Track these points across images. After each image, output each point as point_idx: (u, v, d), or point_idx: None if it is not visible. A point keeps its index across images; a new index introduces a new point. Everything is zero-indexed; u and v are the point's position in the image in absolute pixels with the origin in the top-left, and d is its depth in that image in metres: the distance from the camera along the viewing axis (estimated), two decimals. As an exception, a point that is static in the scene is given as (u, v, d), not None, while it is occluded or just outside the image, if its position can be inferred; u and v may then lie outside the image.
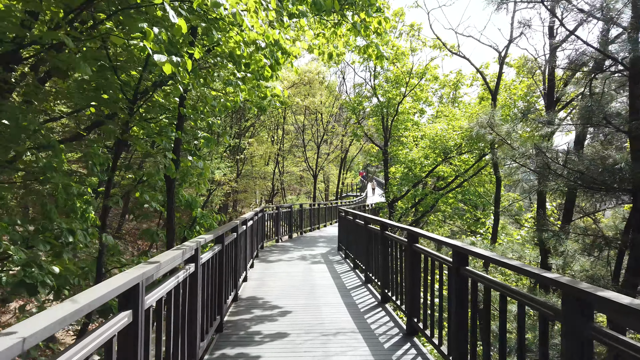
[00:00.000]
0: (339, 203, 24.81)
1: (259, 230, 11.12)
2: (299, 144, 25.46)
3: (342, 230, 11.73)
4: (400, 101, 16.21)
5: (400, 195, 17.35)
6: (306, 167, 24.91)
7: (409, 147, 17.52)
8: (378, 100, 17.68)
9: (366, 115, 18.22)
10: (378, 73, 17.85)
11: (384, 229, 6.40)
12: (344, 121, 25.38)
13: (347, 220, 10.34)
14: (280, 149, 21.43)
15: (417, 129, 18.07)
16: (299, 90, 16.84)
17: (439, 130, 15.18)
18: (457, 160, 16.94)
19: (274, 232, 13.98)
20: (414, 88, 16.37)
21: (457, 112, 16.96)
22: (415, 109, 18.25)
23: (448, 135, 14.91)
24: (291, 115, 23.69)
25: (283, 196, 23.36)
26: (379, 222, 6.68)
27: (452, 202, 17.63)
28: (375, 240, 7.03)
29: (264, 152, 16.97)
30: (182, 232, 6.15)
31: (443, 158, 16.08)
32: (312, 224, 18.62)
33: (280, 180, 22.02)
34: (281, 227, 14.59)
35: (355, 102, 17.86)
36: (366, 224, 7.80)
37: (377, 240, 6.77)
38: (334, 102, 23.46)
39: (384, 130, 17.99)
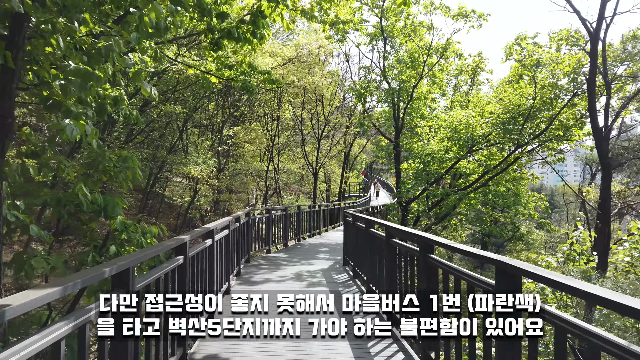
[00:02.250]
0: (342, 204, 22.27)
1: (241, 241, 8.59)
2: (297, 140, 22.91)
3: (349, 240, 9.16)
4: (416, 84, 13.67)
5: (415, 194, 14.80)
6: (305, 164, 22.34)
7: (424, 139, 14.96)
8: (388, 84, 15.12)
9: (374, 102, 15.74)
10: (388, 53, 15.28)
11: (426, 250, 3.87)
12: (347, 110, 22.77)
13: (357, 230, 7.76)
14: (273, 140, 18.77)
15: (434, 117, 15.50)
16: (295, 68, 14.33)
17: (464, 117, 12.62)
18: (481, 154, 14.38)
19: (264, 241, 11.43)
20: (433, 67, 13.81)
21: (483, 96, 14.44)
22: (433, 92, 15.68)
23: (475, 123, 12.36)
24: (288, 106, 21.14)
25: (279, 196, 20.81)
26: (418, 238, 4.14)
27: (474, 203, 15.08)
28: (407, 265, 4.50)
29: (253, 142, 14.42)
30: (85, 257, 3.62)
31: (467, 151, 13.51)
32: (312, 228, 16.05)
33: (275, 179, 19.46)
34: (273, 234, 12.05)
35: (361, 87, 15.31)
36: (389, 236, 5.25)
37: (412, 264, 4.24)
38: (336, 91, 20.87)
39: (394, 120, 15.42)
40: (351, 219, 8.66)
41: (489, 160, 13.49)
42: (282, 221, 12.81)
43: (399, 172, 15.56)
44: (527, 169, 17.34)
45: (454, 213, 15.45)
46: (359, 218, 8.19)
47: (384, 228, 5.45)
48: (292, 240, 13.70)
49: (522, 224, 19.78)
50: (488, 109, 11.91)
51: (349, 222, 9.10)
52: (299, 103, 21.93)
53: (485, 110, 11.97)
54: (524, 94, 11.57)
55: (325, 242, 14.54)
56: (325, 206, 17.99)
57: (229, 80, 10.75)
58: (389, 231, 5.30)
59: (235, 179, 14.88)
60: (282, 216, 12.77)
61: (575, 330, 2.06)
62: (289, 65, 13.92)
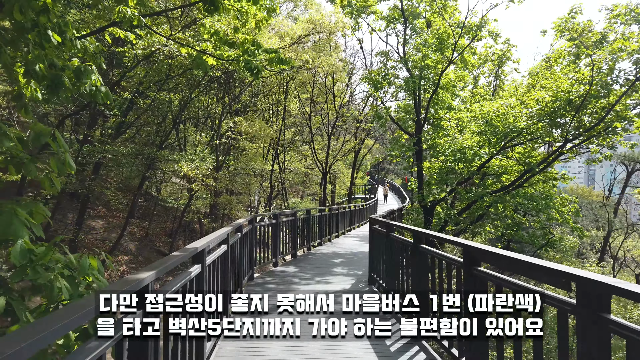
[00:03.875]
0: (353, 207, 20.40)
1: (244, 256, 6.78)
2: (304, 136, 21.02)
3: (377, 254, 7.28)
4: (445, 69, 11.83)
5: (441, 196, 12.97)
6: (313, 163, 20.42)
7: (450, 134, 13.10)
8: (409, 72, 13.28)
9: (389, 96, 13.88)
10: (409, 37, 13.44)
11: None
12: (358, 105, 20.88)
13: (392, 242, 5.90)
14: (279, 135, 16.77)
15: (464, 108, 13.64)
16: (306, 50, 12.41)
17: (502, 106, 10.77)
18: (514, 151, 12.54)
19: (271, 252, 9.59)
20: (464, 50, 11.97)
21: (520, 82, 12.58)
22: (463, 80, 13.81)
23: (517, 113, 10.51)
24: (295, 100, 19.27)
25: (284, 199, 18.93)
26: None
27: (507, 207, 13.24)
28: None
29: (257, 134, 12.48)
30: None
31: (501, 146, 11.65)
32: (323, 234, 14.23)
33: (280, 179, 17.56)
34: (281, 243, 10.22)
35: (377, 75, 13.47)
36: (472, 263, 3.41)
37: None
38: (348, 81, 18.93)
39: (416, 112, 13.59)
40: (383, 228, 6.82)
41: (528, 157, 11.63)
42: (290, 227, 10.99)
43: (421, 171, 13.72)
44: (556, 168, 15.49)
45: (487, 218, 13.57)
46: (396, 227, 6.35)
47: (462, 247, 3.59)
48: (301, 249, 11.87)
49: (553, 229, 17.91)
50: (534, 96, 10.07)
51: (377, 231, 7.26)
52: (306, 97, 20.06)
53: (530, 98, 10.12)
54: (577, 78, 9.76)
55: (338, 252, 12.71)
56: (335, 210, 16.15)
57: (229, 63, 8.87)
58: (471, 254, 3.46)
59: (237, 179, 13.02)
60: (291, 222, 10.94)
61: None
62: (299, 48, 12.04)
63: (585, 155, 14.85)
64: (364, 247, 14.47)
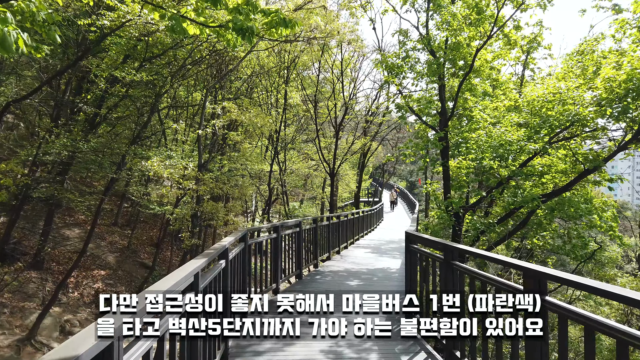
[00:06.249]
0: (361, 213, 18.19)
1: (228, 293, 4.60)
2: (307, 134, 18.85)
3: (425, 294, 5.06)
4: (481, 47, 9.69)
5: (473, 200, 10.81)
6: (317, 162, 18.18)
7: (483, 126, 10.92)
8: (433, 54, 11.12)
9: (414, 79, 11.72)
10: (434, 12, 11.28)
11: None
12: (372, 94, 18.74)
13: (451, 271, 3.65)
14: (279, 129, 14.41)
15: (502, 95, 11.46)
16: (310, 13, 10.18)
17: (559, 89, 8.63)
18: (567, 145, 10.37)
19: (271, 276, 7.36)
20: (505, 23, 9.79)
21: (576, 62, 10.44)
22: (504, 59, 11.64)
23: (577, 97, 8.37)
24: (296, 93, 17.08)
25: (285, 203, 16.68)
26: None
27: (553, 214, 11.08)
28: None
29: (252, 123, 10.25)
30: None
31: (549, 139, 9.49)
32: (331, 246, 12.04)
33: (281, 181, 15.31)
34: (282, 260, 8.00)
35: (396, 57, 11.31)
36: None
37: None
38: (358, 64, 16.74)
39: (441, 102, 11.41)
40: (431, 250, 4.62)
41: (588, 152, 9.46)
42: (294, 241, 8.77)
43: (447, 171, 11.51)
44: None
45: (533, 229, 11.37)
46: (465, 252, 4.15)
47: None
48: (306, 267, 9.66)
49: (592, 238, 15.65)
50: (603, 74, 7.92)
51: (421, 255, 5.07)
52: (310, 92, 17.85)
53: (601, 77, 7.95)
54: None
55: (352, 269, 10.51)
56: (344, 216, 13.95)
57: (215, 33, 6.54)
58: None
59: (228, 182, 10.75)
60: (295, 234, 8.72)
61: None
62: (304, 17, 9.84)
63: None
64: (380, 262, 12.24)
